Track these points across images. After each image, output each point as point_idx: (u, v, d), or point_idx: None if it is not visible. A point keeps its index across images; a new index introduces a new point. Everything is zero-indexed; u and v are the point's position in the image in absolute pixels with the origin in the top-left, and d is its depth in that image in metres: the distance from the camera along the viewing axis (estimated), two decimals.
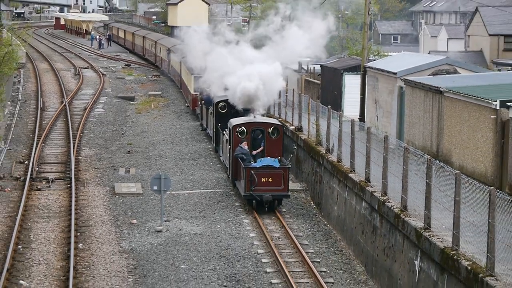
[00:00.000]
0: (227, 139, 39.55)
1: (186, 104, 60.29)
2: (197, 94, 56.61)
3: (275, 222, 35.81)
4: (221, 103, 46.74)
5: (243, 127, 35.63)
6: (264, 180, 31.74)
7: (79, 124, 57.98)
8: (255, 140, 35.63)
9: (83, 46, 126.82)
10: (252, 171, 31.78)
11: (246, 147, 34.42)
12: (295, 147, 38.47)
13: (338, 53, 63.81)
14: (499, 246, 21.97)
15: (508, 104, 31.29)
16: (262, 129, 36.10)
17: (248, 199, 33.20)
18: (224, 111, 46.26)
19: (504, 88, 35.75)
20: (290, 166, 34.48)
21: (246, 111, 42.17)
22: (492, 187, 23.61)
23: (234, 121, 37.08)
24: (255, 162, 35.63)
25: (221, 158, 44.29)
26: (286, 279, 29.15)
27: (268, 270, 30.69)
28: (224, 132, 42.00)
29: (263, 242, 33.25)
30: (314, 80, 61.35)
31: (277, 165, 32.90)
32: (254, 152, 38.44)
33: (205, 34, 52.56)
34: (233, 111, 44.16)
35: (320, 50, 47.20)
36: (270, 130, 36.30)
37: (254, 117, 38.86)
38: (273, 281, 29.55)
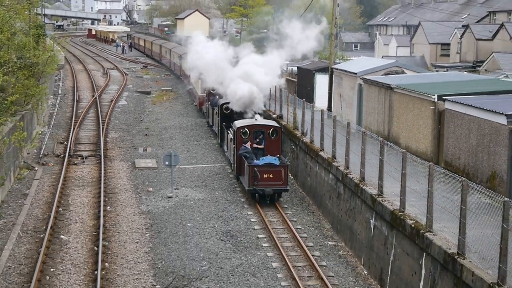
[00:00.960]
0: (231, 138, 36.95)
1: (194, 104, 59.25)
2: (203, 95, 54.50)
3: None
4: (225, 105, 43.73)
5: (246, 129, 33.43)
6: (266, 176, 30.00)
7: (106, 113, 57.88)
8: (256, 139, 33.67)
9: (109, 51, 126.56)
10: (255, 168, 30.02)
11: (249, 147, 32.33)
12: (293, 147, 35.94)
13: (311, 57, 63.54)
14: (436, 209, 22.01)
15: (444, 97, 31.33)
16: (262, 130, 33.94)
17: (252, 193, 31.16)
18: (228, 112, 43.10)
19: (440, 85, 35.88)
20: (289, 163, 32.34)
21: (245, 113, 40.38)
22: (430, 163, 23.86)
23: (238, 123, 34.81)
24: (256, 157, 33.23)
25: (226, 153, 41.48)
26: (269, 235, 29.35)
27: (255, 227, 30.71)
28: (228, 131, 39.38)
29: (252, 206, 33.09)
30: (292, 79, 61.48)
31: (277, 162, 31.05)
32: (255, 145, 35.86)
33: (210, 46, 51.40)
34: (236, 112, 41.46)
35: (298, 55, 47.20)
36: (270, 131, 34.11)
37: (256, 119, 36.25)
38: (260, 236, 29.50)
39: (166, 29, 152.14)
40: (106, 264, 25.97)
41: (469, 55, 76.20)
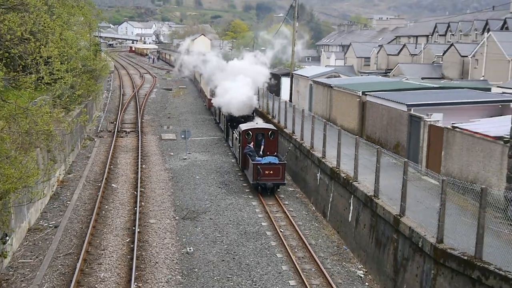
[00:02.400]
0: (236, 137, 32.82)
1: (204, 104, 57.96)
2: (211, 98, 47.94)
3: None
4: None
5: (249, 131, 29.98)
6: (267, 172, 26.74)
7: (142, 103, 57.58)
8: (258, 140, 29.99)
9: (144, 61, 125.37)
10: (259, 166, 26.80)
11: (252, 146, 29.06)
12: (289, 148, 31.77)
13: (279, 66, 63.44)
14: (360, 166, 22.11)
15: (366, 93, 31.45)
16: (263, 132, 30.32)
17: (255, 186, 27.68)
18: (232, 115, 37.75)
19: (363, 85, 35.89)
20: (286, 162, 28.80)
21: (247, 118, 36.20)
22: (357, 136, 23.99)
23: (243, 126, 30.83)
24: (258, 155, 29.45)
25: (231, 148, 36.77)
26: (250, 184, 28.95)
27: (241, 179, 30.73)
28: (234, 131, 34.84)
29: (237, 164, 32.80)
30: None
31: (277, 161, 27.55)
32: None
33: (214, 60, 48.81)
34: (236, 115, 36.79)
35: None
36: (269, 133, 30.31)
37: (257, 123, 32.68)
38: (244, 184, 29.59)
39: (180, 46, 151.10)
40: (142, 203, 26.00)
41: (382, 65, 76.47)
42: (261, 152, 29.70)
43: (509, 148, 18.11)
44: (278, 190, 28.21)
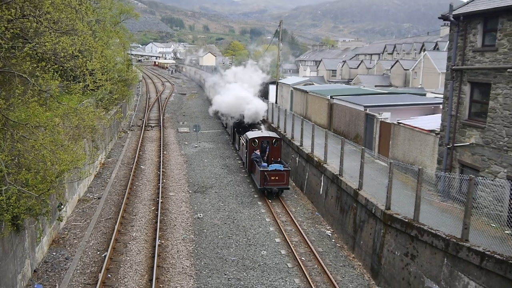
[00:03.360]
0: (243, 143, 28.59)
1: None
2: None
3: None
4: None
5: (255, 139, 26.21)
6: (273, 178, 23.13)
7: (164, 104, 57.22)
8: (263, 147, 26.17)
9: (164, 73, 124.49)
10: (265, 172, 23.13)
11: (259, 153, 25.31)
12: (293, 155, 27.35)
13: (266, 76, 63.55)
14: (328, 152, 22.03)
15: (333, 97, 31.33)
16: (268, 140, 26.40)
17: (262, 190, 23.64)
18: (238, 121, 33.16)
19: (331, 91, 35.78)
20: (290, 168, 24.95)
21: (253, 125, 31.60)
22: (326, 129, 23.80)
23: (250, 135, 26.94)
24: (264, 161, 25.71)
25: (238, 152, 32.10)
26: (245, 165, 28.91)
27: (239, 162, 30.52)
28: (240, 136, 30.35)
29: (235, 151, 32.71)
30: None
31: (282, 168, 23.54)
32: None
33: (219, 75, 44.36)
34: (245, 122, 32.08)
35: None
36: (273, 141, 26.30)
37: (262, 131, 28.30)
38: (241, 166, 29.48)
39: (193, 61, 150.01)
40: (164, 180, 25.93)
41: (345, 76, 76.31)
42: (265, 157, 26.10)
43: (439, 138, 18.24)
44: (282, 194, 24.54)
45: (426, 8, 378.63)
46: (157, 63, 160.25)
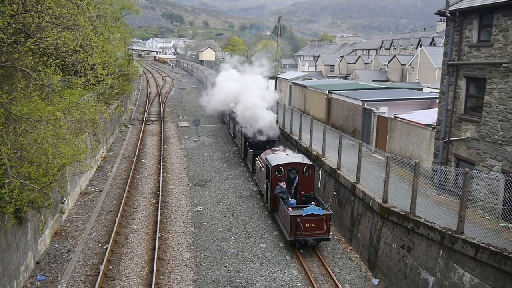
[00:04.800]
0: (260, 167, 21.92)
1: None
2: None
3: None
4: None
5: (281, 167, 19.13)
6: (308, 226, 16.56)
7: (164, 98, 57.17)
8: (290, 178, 19.29)
9: (165, 68, 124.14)
10: (298, 219, 16.42)
11: (285, 186, 18.62)
12: (335, 192, 19.61)
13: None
14: (327, 146, 22.02)
15: (331, 91, 31.27)
16: (296, 168, 19.29)
17: (293, 242, 16.95)
18: (253, 134, 26.69)
19: (329, 86, 35.77)
20: (332, 212, 17.55)
21: (269, 142, 26.01)
22: (324, 124, 23.74)
23: (273, 161, 19.67)
24: (290, 195, 18.94)
25: (253, 177, 24.86)
26: (243, 158, 28.86)
27: (238, 156, 30.46)
28: (257, 158, 23.34)
29: (234, 143, 32.78)
30: None
31: (321, 212, 16.57)
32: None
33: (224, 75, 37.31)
34: (261, 137, 26.14)
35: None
36: (304, 168, 19.26)
37: (287, 154, 20.61)
38: (240, 160, 29.47)
39: (193, 56, 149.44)
40: (164, 174, 25.94)
41: (343, 71, 76.17)
42: (293, 190, 19.31)
43: (436, 133, 18.25)
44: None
45: (423, 4, 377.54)
46: (157, 58, 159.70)
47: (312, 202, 17.99)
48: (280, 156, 20.26)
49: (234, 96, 30.54)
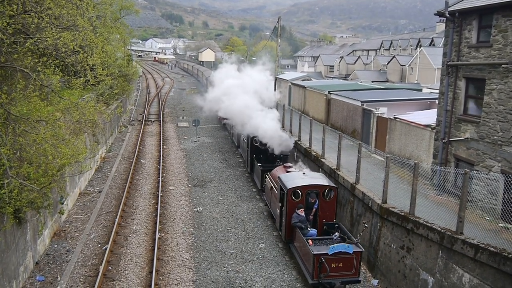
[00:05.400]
0: (272, 187, 18.82)
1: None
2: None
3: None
4: (255, 138, 23.92)
5: (298, 191, 16.10)
6: (335, 266, 13.46)
7: (164, 99, 57.19)
8: (309, 202, 16.22)
9: (164, 68, 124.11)
10: (323, 258, 13.33)
11: (303, 214, 15.58)
12: (366, 225, 16.15)
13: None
14: (326, 147, 22.00)
15: (330, 92, 31.28)
16: (316, 191, 16.23)
17: (316, 286, 13.69)
18: (257, 144, 23.73)
19: (329, 86, 35.79)
20: (363, 249, 14.33)
21: (281, 158, 22.81)
22: (324, 124, 23.70)
23: (288, 182, 16.52)
24: (309, 223, 15.92)
25: (263, 196, 21.67)
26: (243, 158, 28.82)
27: (238, 156, 30.40)
28: (267, 176, 20.11)
29: (233, 145, 32.72)
30: None
31: (351, 250, 13.43)
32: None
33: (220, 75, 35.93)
34: (264, 145, 23.35)
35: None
36: (325, 192, 16.24)
37: (304, 173, 17.58)
38: (240, 160, 29.46)
39: (193, 57, 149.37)
40: (164, 174, 25.93)
41: (343, 71, 76.19)
42: (311, 217, 16.19)
43: (435, 133, 18.25)
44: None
45: (422, 5, 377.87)
46: (157, 59, 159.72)
47: (336, 233, 14.99)
48: (296, 176, 17.07)
49: (239, 104, 27.18)
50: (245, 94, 27.95)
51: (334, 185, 16.61)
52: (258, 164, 22.96)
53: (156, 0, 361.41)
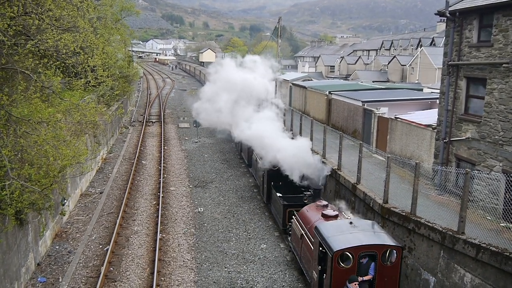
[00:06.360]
0: (302, 234, 14.39)
1: None
2: None
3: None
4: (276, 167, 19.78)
5: (349, 253, 11.14)
6: None
7: (164, 100, 57.17)
8: (361, 268, 11.41)
9: (165, 69, 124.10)
10: None
11: (357, 286, 10.40)
12: None
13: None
14: (327, 147, 21.96)
15: (331, 92, 31.26)
16: (373, 253, 11.27)
17: None
18: (276, 169, 19.48)
19: (330, 86, 35.74)
20: None
21: (311, 192, 18.12)
22: (324, 124, 23.68)
23: (333, 240, 11.56)
24: None
25: (288, 241, 16.99)
26: (245, 161, 28.75)
27: (240, 160, 30.30)
28: (294, 217, 16.01)
29: (231, 144, 32.68)
30: None
31: None
32: (360, 279, 11.24)
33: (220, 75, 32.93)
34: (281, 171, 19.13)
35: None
36: (385, 254, 11.38)
37: (351, 222, 12.51)
38: (241, 161, 29.43)
39: (193, 58, 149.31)
40: (165, 175, 25.94)
41: (343, 72, 76.15)
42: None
43: (436, 133, 18.24)
44: None
45: (423, 4, 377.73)
46: (157, 60, 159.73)
47: None
48: (343, 229, 12.43)
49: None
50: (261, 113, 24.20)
51: (398, 244, 12.04)
52: (278, 194, 18.74)
53: (156, 1, 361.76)
